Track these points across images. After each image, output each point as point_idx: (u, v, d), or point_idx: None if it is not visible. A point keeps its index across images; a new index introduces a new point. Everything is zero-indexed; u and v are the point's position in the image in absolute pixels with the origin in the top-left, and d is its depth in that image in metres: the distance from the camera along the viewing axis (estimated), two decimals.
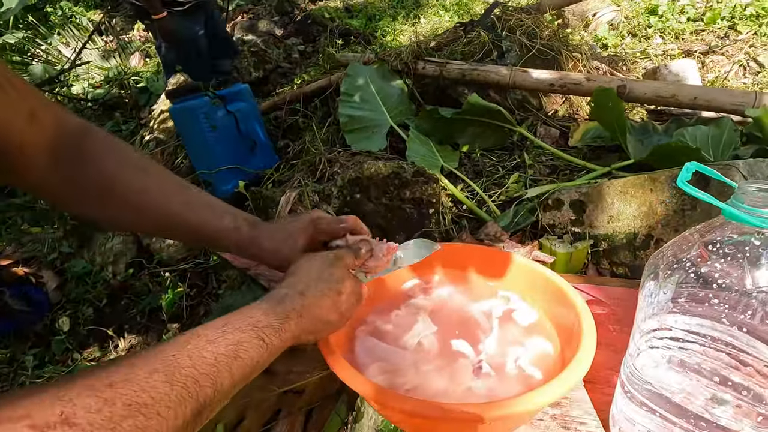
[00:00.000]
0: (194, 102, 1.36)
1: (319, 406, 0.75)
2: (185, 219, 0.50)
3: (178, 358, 0.30)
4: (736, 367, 0.38)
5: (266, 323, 0.37)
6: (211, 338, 0.33)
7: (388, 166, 0.98)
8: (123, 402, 0.25)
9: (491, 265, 0.65)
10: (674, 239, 0.43)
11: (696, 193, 0.36)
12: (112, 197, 0.48)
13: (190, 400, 0.29)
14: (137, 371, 0.27)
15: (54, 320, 1.43)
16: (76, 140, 0.46)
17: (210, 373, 0.31)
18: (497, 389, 0.47)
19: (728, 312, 0.37)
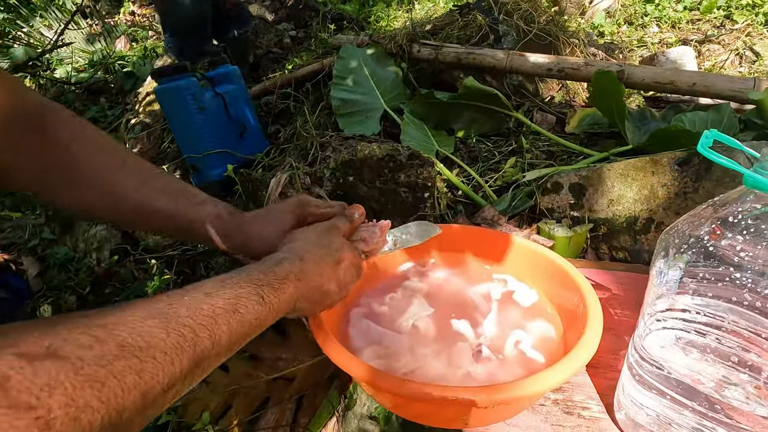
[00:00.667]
0: (181, 82, 1.31)
1: (310, 393, 0.72)
2: (163, 206, 0.47)
3: (174, 308, 0.28)
4: (747, 349, 0.36)
5: (265, 282, 0.35)
6: (209, 291, 0.31)
7: (382, 148, 0.95)
8: (116, 342, 0.23)
9: (489, 247, 0.63)
10: (686, 215, 0.41)
11: (718, 159, 0.33)
12: (81, 180, 0.44)
13: (188, 349, 0.27)
14: (131, 317, 0.26)
15: (35, 308, 1.38)
16: (36, 118, 0.43)
17: (208, 324, 0.29)
18: (498, 373, 0.45)
19: (743, 291, 0.35)
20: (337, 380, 0.70)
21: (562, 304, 0.53)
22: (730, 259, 0.36)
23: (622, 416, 0.43)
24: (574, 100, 1.53)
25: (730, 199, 0.37)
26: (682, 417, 0.38)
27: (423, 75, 1.55)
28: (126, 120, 2.00)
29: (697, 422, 0.38)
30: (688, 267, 0.39)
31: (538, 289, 0.58)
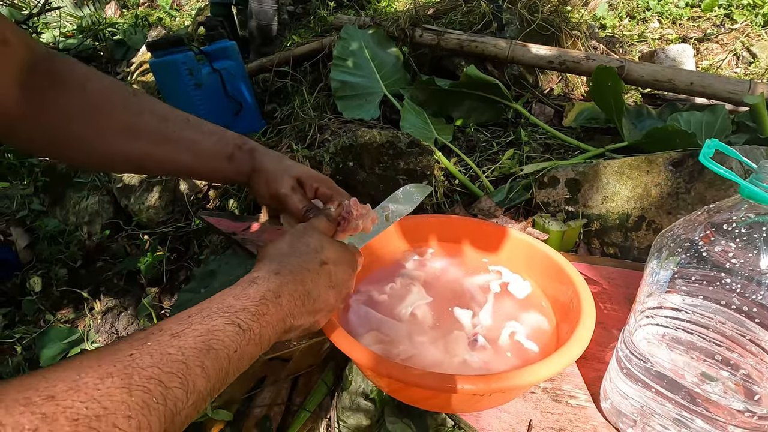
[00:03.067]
0: (177, 56, 1.27)
1: (305, 374, 0.74)
2: (186, 135, 0.47)
3: (136, 358, 0.25)
4: (730, 347, 0.39)
5: (239, 307, 0.32)
6: (175, 331, 0.28)
7: (383, 134, 0.95)
8: (67, 417, 0.20)
9: (486, 239, 0.64)
10: (681, 219, 0.42)
11: (719, 170, 0.35)
12: (100, 116, 0.44)
13: (156, 405, 0.24)
14: (85, 377, 0.22)
15: (25, 280, 1.38)
16: (49, 65, 0.42)
17: (177, 371, 0.26)
18: (492, 362, 0.47)
19: (732, 294, 0.37)
20: (332, 362, 0.72)
21: (555, 297, 0.55)
22: (721, 264, 0.38)
23: (608, 405, 0.46)
24: (573, 93, 1.54)
25: (725, 207, 0.39)
26: (664, 408, 0.41)
27: (424, 60, 1.54)
28: None
29: (678, 414, 0.40)
30: (679, 268, 0.41)
31: (532, 282, 0.59)
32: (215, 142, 0.49)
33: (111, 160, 0.46)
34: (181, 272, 1.32)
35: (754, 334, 0.37)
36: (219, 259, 0.92)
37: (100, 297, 1.32)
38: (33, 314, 1.29)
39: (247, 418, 0.68)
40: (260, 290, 0.34)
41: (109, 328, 1.23)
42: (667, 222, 0.76)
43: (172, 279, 1.30)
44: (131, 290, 1.32)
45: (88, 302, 1.30)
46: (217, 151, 0.49)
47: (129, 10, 3.89)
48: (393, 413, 0.55)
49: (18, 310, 1.31)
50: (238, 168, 0.50)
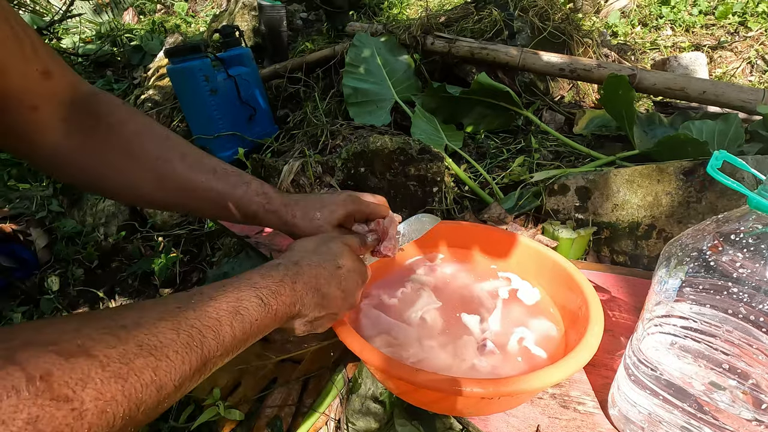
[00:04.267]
0: (194, 63, 1.31)
1: (316, 375, 0.75)
2: (210, 185, 0.49)
3: (183, 310, 0.30)
4: (738, 356, 0.39)
5: (263, 285, 0.37)
6: (212, 295, 0.33)
7: (394, 141, 0.96)
8: (135, 342, 0.26)
9: (496, 246, 0.65)
10: (690, 229, 0.43)
11: (726, 181, 0.35)
12: (133, 162, 0.46)
13: (196, 348, 0.29)
14: (146, 318, 0.28)
15: (43, 279, 1.41)
16: (92, 105, 0.45)
17: (213, 326, 0.31)
18: (501, 367, 0.48)
19: (739, 304, 0.37)
20: (342, 365, 0.73)
21: (564, 304, 0.55)
22: (729, 274, 0.38)
23: (615, 412, 0.46)
24: (584, 100, 1.54)
25: (734, 217, 0.39)
26: (671, 416, 0.41)
27: (435, 67, 1.56)
28: (135, 96, 2.00)
29: (686, 422, 0.40)
30: (688, 277, 0.41)
31: (541, 289, 0.60)
32: (239, 198, 0.50)
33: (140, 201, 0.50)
34: (194, 274, 1.34)
35: (761, 343, 0.37)
36: (232, 261, 0.94)
37: (115, 297, 1.35)
38: (50, 313, 1.32)
39: (259, 418, 0.69)
40: (281, 273, 0.39)
41: None
42: (677, 231, 0.76)
43: (185, 280, 1.33)
44: (145, 291, 1.35)
45: (104, 302, 1.32)
46: (241, 208, 0.51)
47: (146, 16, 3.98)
48: (402, 416, 0.56)
49: (36, 309, 1.34)
50: (265, 224, 0.52)
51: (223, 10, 3.23)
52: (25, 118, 0.40)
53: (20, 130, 0.41)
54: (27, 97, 0.40)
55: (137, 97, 2.01)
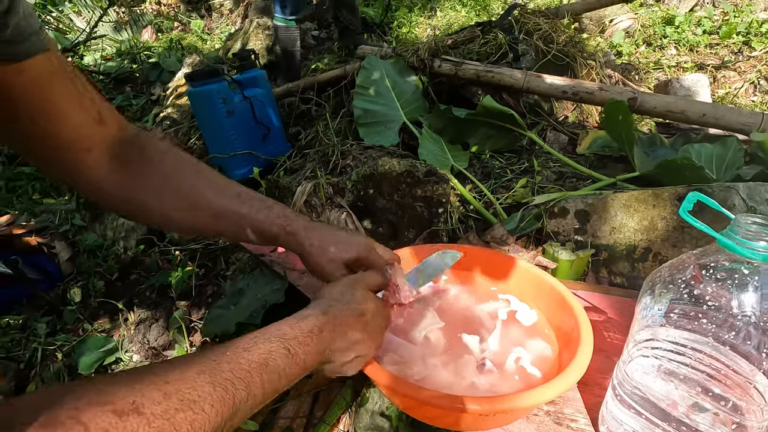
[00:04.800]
0: (213, 86, 1.38)
1: (326, 389, 0.79)
2: (236, 209, 0.54)
3: (219, 363, 0.34)
4: (717, 379, 0.42)
5: (291, 335, 0.40)
6: (246, 347, 0.37)
7: (401, 164, 1.01)
8: (177, 397, 0.29)
9: (497, 269, 0.69)
10: (671, 261, 0.47)
11: (695, 224, 0.39)
12: (170, 192, 0.52)
13: (228, 400, 0.32)
14: (188, 371, 0.32)
15: (66, 290, 1.48)
16: (135, 143, 0.51)
17: (244, 378, 0.34)
18: (499, 385, 0.52)
19: (715, 329, 0.41)
20: (351, 379, 0.78)
21: (559, 326, 0.59)
22: (708, 302, 0.42)
23: (605, 430, 0.50)
24: (587, 120, 1.58)
25: (710, 251, 0.43)
26: None
27: (442, 88, 1.61)
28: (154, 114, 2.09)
29: None
30: (671, 304, 0.45)
31: (538, 311, 0.64)
32: (262, 221, 0.55)
33: (174, 225, 0.55)
34: (209, 287, 1.39)
35: (740, 368, 0.41)
36: (248, 278, 0.99)
37: (134, 309, 1.41)
38: (73, 323, 1.38)
39: (272, 429, 0.74)
40: (309, 325, 0.42)
41: (141, 339, 1.31)
42: (672, 254, 0.79)
43: (200, 293, 1.38)
44: (162, 303, 1.40)
45: (123, 313, 1.38)
46: (263, 230, 0.56)
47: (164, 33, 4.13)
48: (407, 431, 0.59)
49: (59, 319, 1.40)
50: (283, 245, 0.57)
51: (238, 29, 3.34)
52: (79, 158, 0.47)
53: (72, 167, 0.47)
54: (83, 141, 0.46)
55: (156, 115, 2.10)
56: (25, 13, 0.39)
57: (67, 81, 0.43)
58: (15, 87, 0.40)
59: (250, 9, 3.76)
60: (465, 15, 2.71)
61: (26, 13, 0.39)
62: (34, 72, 0.40)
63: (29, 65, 0.40)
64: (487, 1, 2.82)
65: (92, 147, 0.47)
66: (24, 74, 0.40)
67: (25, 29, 0.39)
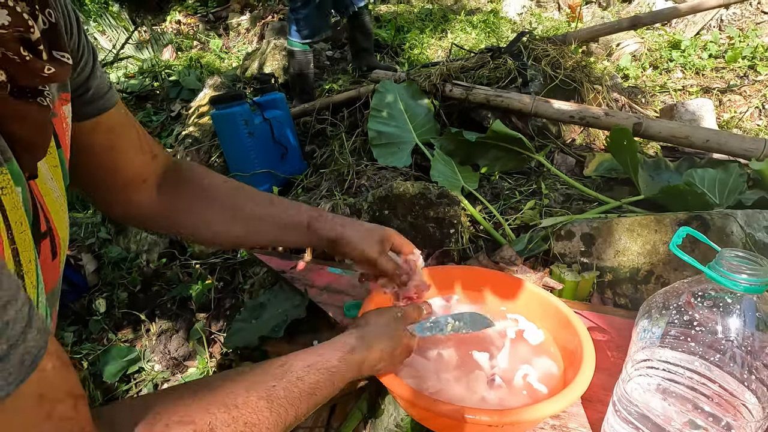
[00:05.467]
0: (235, 109, 1.46)
1: (342, 401, 0.84)
2: (269, 212, 0.60)
3: (276, 389, 0.38)
4: (709, 397, 0.47)
5: (337, 370, 0.45)
6: (299, 376, 0.42)
7: (415, 186, 1.07)
8: (243, 421, 0.34)
9: (506, 289, 0.74)
10: (665, 288, 0.51)
11: (684, 258, 0.44)
12: (210, 204, 0.58)
13: (281, 423, 0.37)
14: (251, 396, 0.36)
15: (91, 301, 1.55)
16: (178, 169, 0.58)
17: (295, 404, 0.39)
18: (507, 400, 0.56)
19: (704, 351, 0.45)
20: (367, 392, 0.82)
21: (564, 345, 0.63)
22: (697, 326, 0.46)
23: None
24: (594, 143, 1.63)
25: (699, 281, 0.48)
26: None
27: (453, 111, 1.68)
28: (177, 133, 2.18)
29: None
30: (668, 327, 0.50)
31: (545, 330, 0.68)
32: (294, 215, 0.62)
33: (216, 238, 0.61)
34: (227, 300, 1.45)
35: (729, 386, 0.45)
36: (268, 292, 1.05)
37: (155, 320, 1.47)
38: (98, 333, 1.45)
39: None
40: (355, 359, 0.48)
41: (163, 349, 1.37)
42: (674, 277, 0.83)
43: (219, 306, 1.44)
44: (182, 315, 1.46)
45: (145, 324, 1.45)
46: (296, 222, 0.61)
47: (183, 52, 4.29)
48: None
49: (85, 329, 1.47)
50: (317, 234, 0.62)
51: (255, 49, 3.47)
52: (137, 189, 0.54)
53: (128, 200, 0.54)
54: (141, 175, 0.53)
55: (178, 134, 2.20)
56: (101, 74, 0.45)
57: (131, 128, 0.50)
58: (90, 139, 0.46)
59: (267, 29, 3.90)
60: (475, 38, 2.80)
61: (101, 72, 0.45)
62: (107, 125, 0.46)
63: (104, 119, 0.46)
64: (497, 24, 2.91)
65: (147, 178, 0.54)
66: (99, 127, 0.46)
67: (102, 87, 0.45)
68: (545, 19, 2.89)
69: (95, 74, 0.44)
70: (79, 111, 0.43)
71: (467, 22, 3.08)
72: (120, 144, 0.49)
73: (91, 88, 0.43)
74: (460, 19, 3.14)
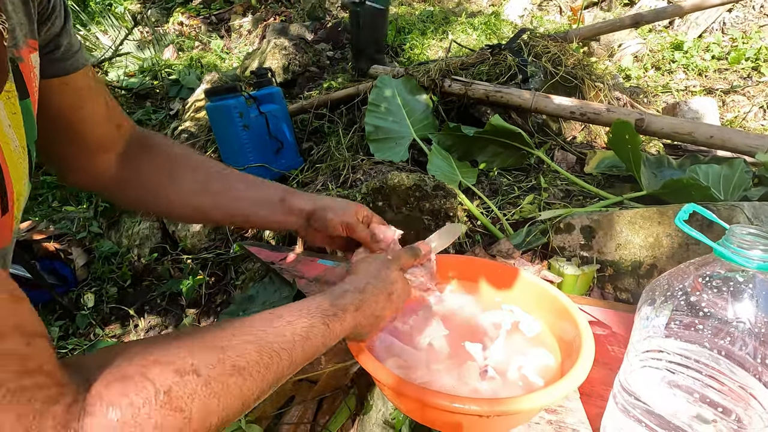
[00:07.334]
0: (230, 101, 1.44)
1: (330, 396, 0.80)
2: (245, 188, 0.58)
3: (266, 333, 0.37)
4: (717, 389, 0.43)
5: (331, 312, 0.44)
6: (290, 320, 0.40)
7: (410, 177, 1.04)
8: (230, 363, 0.32)
9: (501, 280, 0.70)
10: (671, 270, 0.48)
11: (691, 233, 0.41)
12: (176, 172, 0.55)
13: (273, 368, 0.35)
14: (239, 339, 0.35)
15: (79, 296, 1.51)
16: (143, 139, 0.56)
17: (288, 348, 0.37)
18: (500, 391, 0.53)
19: (713, 339, 0.42)
20: (355, 387, 0.78)
21: (561, 336, 0.60)
22: (705, 311, 0.43)
23: None
24: (595, 141, 1.60)
25: (708, 261, 0.45)
26: None
27: (452, 108, 1.65)
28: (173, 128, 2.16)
29: None
30: (673, 314, 0.46)
31: (542, 321, 0.65)
32: (267, 189, 0.60)
33: (185, 210, 0.57)
34: (218, 296, 1.42)
35: (739, 377, 0.42)
36: (257, 285, 1.01)
37: (144, 315, 1.43)
38: (85, 328, 1.41)
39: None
40: (347, 302, 0.47)
41: None
42: None
43: (209, 302, 1.41)
44: (172, 310, 1.43)
45: (134, 319, 1.41)
46: (269, 196, 0.59)
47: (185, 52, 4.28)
48: None
49: (72, 323, 1.43)
50: (291, 207, 0.59)
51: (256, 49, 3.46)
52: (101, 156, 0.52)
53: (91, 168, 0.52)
54: (105, 144, 0.52)
55: (174, 128, 2.17)
56: (72, 35, 0.44)
57: (100, 96, 0.49)
58: (58, 99, 0.44)
59: (268, 30, 3.90)
60: (476, 39, 2.78)
61: (73, 34, 0.44)
62: (75, 85, 0.45)
63: (72, 79, 0.44)
64: (498, 25, 2.90)
65: (110, 148, 0.52)
66: (67, 87, 0.45)
67: (72, 46, 0.44)
68: (546, 22, 2.88)
69: (66, 33, 0.43)
70: (48, 68, 0.42)
71: (468, 24, 3.07)
72: (86, 108, 0.47)
73: (61, 45, 0.43)
74: (462, 21, 3.13)
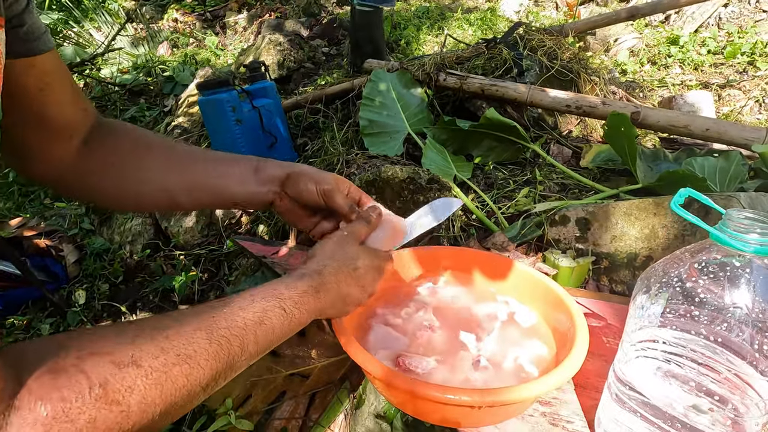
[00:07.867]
0: (222, 95, 1.42)
1: (322, 391, 0.79)
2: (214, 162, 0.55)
3: (216, 320, 0.35)
4: (714, 378, 0.42)
5: (287, 296, 0.42)
6: (242, 306, 0.38)
7: (404, 170, 1.02)
8: (174, 352, 0.31)
9: (495, 271, 0.69)
10: (666, 257, 0.47)
11: (687, 216, 0.40)
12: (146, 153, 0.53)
13: (223, 356, 0.34)
14: (186, 327, 0.33)
15: (71, 293, 1.49)
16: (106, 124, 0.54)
17: (240, 335, 0.36)
18: (493, 382, 0.52)
19: (710, 327, 0.41)
20: (348, 381, 0.77)
21: (556, 327, 0.59)
22: (701, 298, 0.42)
23: (601, 431, 0.49)
24: (591, 135, 1.59)
25: (703, 247, 0.44)
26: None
27: (447, 102, 1.64)
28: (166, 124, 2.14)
29: None
30: (669, 303, 0.45)
31: (538, 312, 0.64)
32: (239, 160, 0.57)
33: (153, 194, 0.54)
34: (211, 292, 1.40)
35: (736, 366, 0.41)
36: (249, 279, 1.00)
37: (137, 312, 1.42)
38: (76, 325, 1.39)
39: (267, 430, 0.73)
40: (304, 285, 0.44)
41: None
42: None
43: (202, 298, 1.39)
44: (164, 307, 1.41)
45: (125, 316, 1.39)
46: (241, 168, 0.55)
47: (179, 49, 4.25)
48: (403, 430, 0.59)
49: (63, 321, 1.41)
50: (265, 175, 0.56)
51: (250, 45, 3.44)
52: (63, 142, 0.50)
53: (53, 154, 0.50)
54: (70, 129, 0.50)
55: (168, 124, 2.15)
56: (37, 16, 0.42)
57: (66, 79, 0.47)
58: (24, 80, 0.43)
59: (264, 26, 3.87)
60: (472, 34, 2.77)
61: (37, 15, 0.43)
62: (42, 67, 0.44)
63: (39, 61, 0.43)
64: (494, 21, 2.89)
65: (74, 134, 0.50)
66: (34, 69, 0.43)
67: (38, 28, 0.43)
68: (543, 18, 2.87)
69: (30, 11, 0.42)
70: (13, 47, 0.40)
71: (464, 19, 3.05)
72: (53, 90, 0.46)
73: (26, 23, 0.41)
74: (458, 17, 3.12)
